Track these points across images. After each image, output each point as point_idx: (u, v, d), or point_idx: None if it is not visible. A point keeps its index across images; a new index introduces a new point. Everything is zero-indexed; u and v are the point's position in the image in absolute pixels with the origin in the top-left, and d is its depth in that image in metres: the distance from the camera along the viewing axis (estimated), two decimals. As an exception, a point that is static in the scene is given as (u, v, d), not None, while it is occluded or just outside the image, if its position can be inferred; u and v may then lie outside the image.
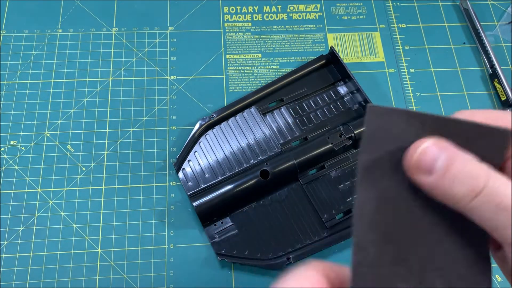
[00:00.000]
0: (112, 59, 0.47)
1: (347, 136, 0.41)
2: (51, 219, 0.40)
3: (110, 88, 0.45)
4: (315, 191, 0.41)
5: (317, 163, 0.42)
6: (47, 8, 0.49)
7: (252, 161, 0.42)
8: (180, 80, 0.46)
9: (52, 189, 0.41)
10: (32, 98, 0.45)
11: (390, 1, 0.52)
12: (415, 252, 0.19)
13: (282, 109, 0.44)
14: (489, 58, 0.48)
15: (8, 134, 0.43)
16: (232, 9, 0.50)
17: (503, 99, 0.46)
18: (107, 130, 0.44)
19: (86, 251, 0.39)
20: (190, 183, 0.41)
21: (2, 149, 0.42)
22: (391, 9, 0.51)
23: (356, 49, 0.49)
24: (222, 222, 0.40)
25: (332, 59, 0.46)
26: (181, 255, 0.39)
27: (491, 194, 0.17)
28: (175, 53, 0.48)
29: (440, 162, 0.18)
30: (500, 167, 0.20)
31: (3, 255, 0.39)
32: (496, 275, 0.39)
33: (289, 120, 0.44)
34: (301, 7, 0.51)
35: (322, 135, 0.42)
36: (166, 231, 0.40)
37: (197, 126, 0.43)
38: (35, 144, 0.43)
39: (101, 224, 0.40)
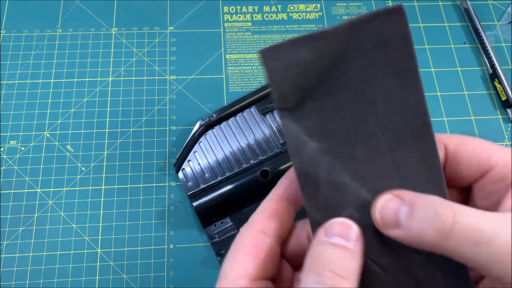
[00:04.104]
0: (111, 59, 0.47)
1: (347, 136, 0.41)
2: (51, 219, 0.40)
3: (109, 88, 0.45)
4: (315, 191, 0.41)
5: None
6: (47, 8, 0.49)
7: (252, 161, 0.41)
8: (180, 80, 0.46)
9: (52, 189, 0.41)
10: (32, 98, 0.45)
11: (390, 1, 0.52)
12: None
13: (282, 109, 0.44)
14: (489, 58, 0.48)
15: (8, 134, 0.43)
16: (232, 9, 0.50)
17: (503, 99, 0.46)
18: (106, 130, 0.44)
19: (85, 251, 0.39)
20: (190, 183, 0.41)
21: (2, 149, 0.42)
22: (391, 9, 0.51)
23: (356, 49, 0.49)
24: (222, 222, 0.40)
25: (332, 59, 0.46)
26: (181, 255, 0.39)
27: (465, 230, 0.16)
28: (175, 53, 0.47)
29: (403, 213, 0.17)
30: (465, 197, 0.21)
31: (3, 255, 0.39)
32: None
33: (289, 120, 0.44)
34: (301, 7, 0.51)
35: (322, 135, 0.42)
36: (166, 231, 0.40)
37: (197, 126, 0.43)
38: (34, 144, 0.43)
39: (100, 224, 0.40)
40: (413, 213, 0.17)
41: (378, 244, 0.19)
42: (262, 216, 0.21)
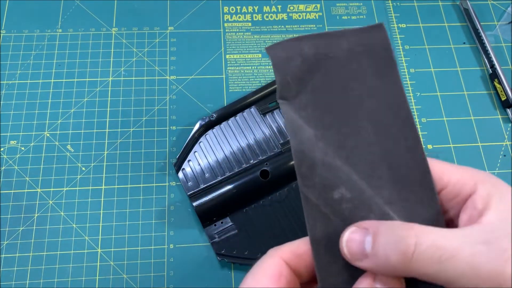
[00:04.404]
0: (112, 59, 0.47)
1: (347, 136, 0.41)
2: (51, 219, 0.40)
3: (109, 88, 0.45)
4: (315, 191, 0.41)
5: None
6: (47, 8, 0.49)
7: (252, 161, 0.42)
8: (180, 80, 0.46)
9: (52, 189, 0.41)
10: (32, 98, 0.45)
11: (390, 1, 0.52)
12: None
13: (282, 109, 0.44)
14: (489, 58, 0.48)
15: (8, 134, 0.43)
16: (232, 9, 0.50)
17: (503, 99, 0.46)
18: (107, 130, 0.44)
19: (86, 251, 0.39)
20: (190, 183, 0.41)
21: (2, 149, 0.42)
22: (391, 9, 0.51)
23: (356, 49, 0.49)
24: (222, 222, 0.40)
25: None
26: (181, 255, 0.39)
27: (428, 249, 0.17)
28: (175, 53, 0.48)
29: (368, 242, 0.18)
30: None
31: (3, 255, 0.39)
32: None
33: (289, 120, 0.44)
34: (301, 7, 0.51)
35: (322, 135, 0.42)
36: (166, 231, 0.40)
37: (197, 126, 0.43)
38: (35, 144, 0.43)
39: (101, 224, 0.40)
40: (377, 240, 0.18)
41: None
42: (290, 248, 0.21)
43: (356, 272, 0.19)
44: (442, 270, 0.16)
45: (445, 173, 0.20)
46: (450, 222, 0.20)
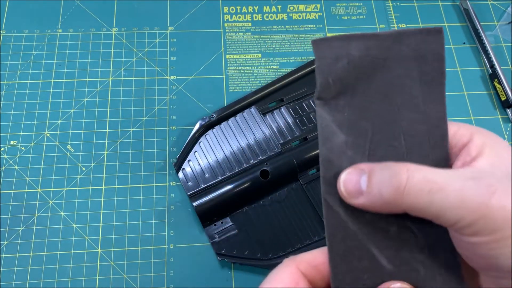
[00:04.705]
0: (112, 59, 0.47)
1: (347, 136, 0.41)
2: (51, 219, 0.40)
3: (110, 88, 0.45)
4: (315, 191, 0.41)
5: (317, 163, 0.42)
6: (47, 8, 0.49)
7: (252, 161, 0.42)
8: (180, 80, 0.46)
9: (52, 189, 0.41)
10: (32, 98, 0.45)
11: (390, 1, 0.52)
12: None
13: (282, 109, 0.44)
14: (489, 58, 0.48)
15: (8, 134, 0.43)
16: (232, 9, 0.50)
17: (503, 99, 0.46)
18: (107, 130, 0.44)
19: (86, 251, 0.39)
20: (190, 183, 0.41)
21: (2, 149, 0.42)
22: (391, 9, 0.51)
23: (356, 49, 0.49)
24: (222, 222, 0.40)
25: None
26: (181, 255, 0.39)
27: (419, 182, 0.18)
28: (175, 53, 0.48)
29: (363, 180, 0.19)
30: None
31: (3, 255, 0.39)
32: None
33: (289, 120, 0.44)
34: (301, 7, 0.51)
35: (322, 135, 0.42)
36: (166, 231, 0.40)
37: (197, 126, 0.43)
38: (35, 144, 0.43)
39: (101, 224, 0.40)
40: (372, 178, 0.19)
41: (384, 235, 0.20)
42: (307, 258, 0.21)
43: (370, 283, 0.20)
44: (432, 202, 0.17)
45: None
46: None
